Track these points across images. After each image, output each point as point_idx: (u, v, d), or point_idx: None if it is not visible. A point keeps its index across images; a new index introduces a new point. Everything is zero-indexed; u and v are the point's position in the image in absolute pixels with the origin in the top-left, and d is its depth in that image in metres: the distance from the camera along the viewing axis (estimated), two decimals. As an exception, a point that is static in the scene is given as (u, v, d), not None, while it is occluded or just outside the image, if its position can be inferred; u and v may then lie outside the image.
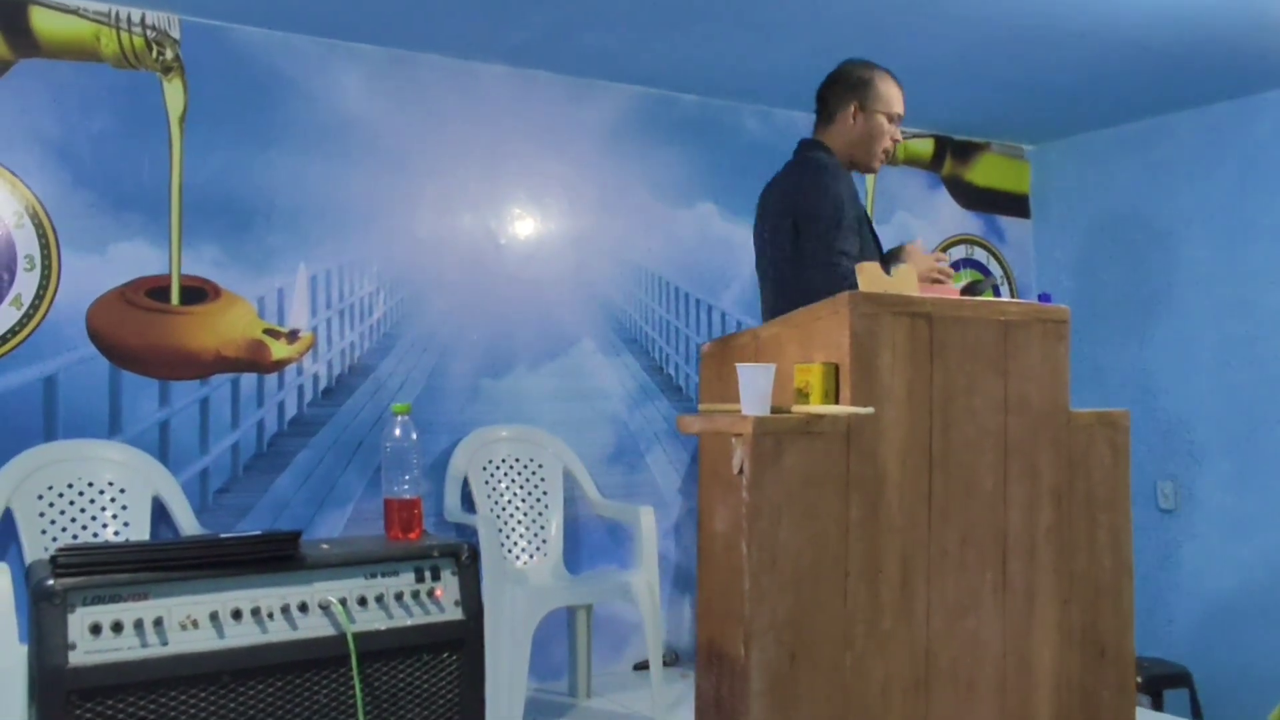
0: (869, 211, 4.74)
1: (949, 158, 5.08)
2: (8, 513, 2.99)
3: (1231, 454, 4.37)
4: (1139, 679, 3.70)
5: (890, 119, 2.84)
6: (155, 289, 3.38)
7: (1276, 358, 4.24)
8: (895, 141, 2.87)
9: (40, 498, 3.05)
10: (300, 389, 3.59)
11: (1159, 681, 4.06)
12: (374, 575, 2.11)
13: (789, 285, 2.68)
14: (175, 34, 3.43)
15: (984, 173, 5.17)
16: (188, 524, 3.19)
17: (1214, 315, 4.45)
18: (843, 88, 2.85)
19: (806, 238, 2.66)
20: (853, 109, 2.82)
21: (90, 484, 3.13)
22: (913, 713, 2.20)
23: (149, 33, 3.39)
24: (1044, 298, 2.55)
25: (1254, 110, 4.35)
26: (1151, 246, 4.70)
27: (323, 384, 3.63)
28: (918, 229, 4.92)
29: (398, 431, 2.27)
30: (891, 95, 2.84)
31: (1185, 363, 4.55)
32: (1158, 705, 4.00)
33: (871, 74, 2.85)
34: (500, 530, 3.69)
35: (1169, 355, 4.61)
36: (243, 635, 1.96)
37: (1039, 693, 2.36)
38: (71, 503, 3.09)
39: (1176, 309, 4.59)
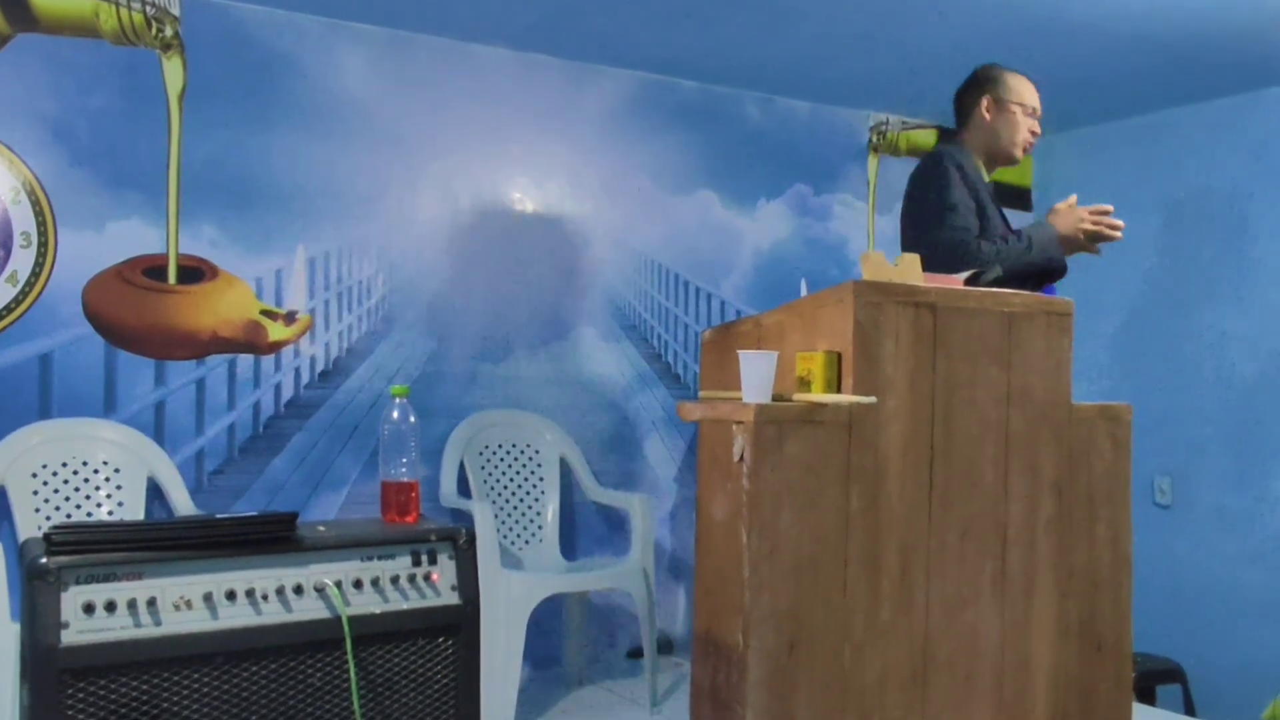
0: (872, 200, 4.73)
1: (951, 149, 5.05)
2: (1, 490, 2.97)
3: (1228, 450, 4.37)
4: (1133, 674, 3.71)
5: (1028, 111, 2.94)
6: (152, 268, 3.36)
7: (1276, 354, 4.24)
8: (1035, 135, 2.97)
9: (34, 476, 3.03)
10: (297, 371, 3.57)
11: (1152, 677, 4.07)
12: (370, 558, 2.09)
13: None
14: (175, 11, 3.40)
15: (986, 165, 5.15)
16: (183, 504, 3.18)
17: (1215, 309, 4.44)
18: (974, 86, 2.99)
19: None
20: (985, 103, 2.94)
21: (85, 463, 3.11)
22: (910, 704, 2.19)
23: (149, 9, 3.35)
24: (1048, 290, 2.53)
25: (1257, 105, 4.34)
26: (1154, 240, 4.69)
27: (320, 366, 3.61)
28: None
29: (396, 414, 2.26)
30: (1021, 87, 2.95)
31: (1185, 357, 4.54)
32: (1151, 700, 4.00)
33: (1001, 71, 2.98)
34: (496, 516, 3.67)
35: (1169, 349, 4.60)
36: (237, 617, 1.95)
37: (1036, 685, 2.36)
38: (66, 481, 3.07)
39: (1178, 302, 4.58)
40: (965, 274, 2.45)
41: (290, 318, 3.57)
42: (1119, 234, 2.87)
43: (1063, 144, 5.14)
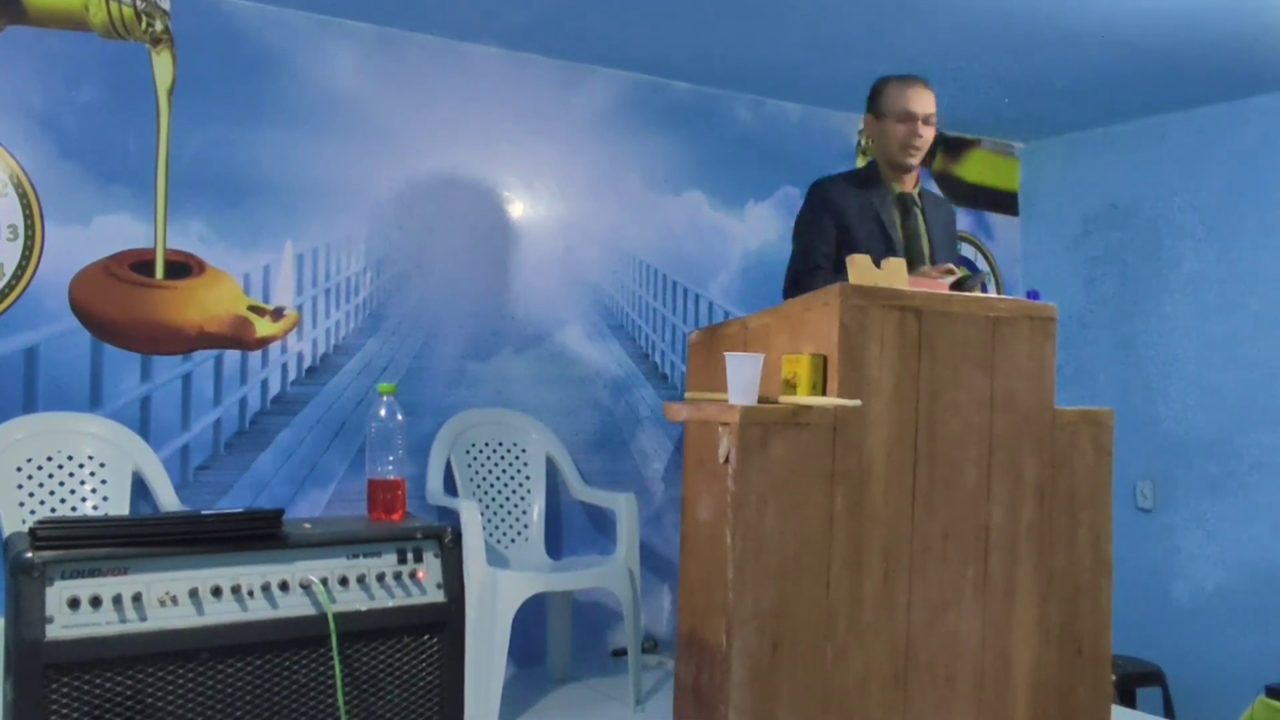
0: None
1: (940, 153, 5.08)
2: (-15, 484, 2.96)
3: (1210, 456, 4.40)
4: (1113, 677, 3.74)
5: (899, 118, 3.03)
6: (139, 263, 3.35)
7: (1258, 361, 4.27)
8: (918, 136, 3.04)
9: (19, 470, 3.02)
10: (284, 367, 3.57)
11: (1132, 679, 4.09)
12: (356, 555, 2.10)
13: None
14: (165, 5, 3.39)
15: (974, 169, 5.18)
16: (168, 500, 3.17)
17: (1198, 316, 4.48)
18: (869, 100, 3.14)
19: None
20: (867, 121, 3.16)
21: (70, 457, 3.11)
22: (892, 705, 2.21)
23: (138, 3, 3.35)
24: (1033, 295, 2.55)
25: (1243, 114, 4.37)
26: (1139, 246, 4.72)
27: (307, 362, 3.61)
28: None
29: (383, 411, 2.26)
30: (895, 95, 3.05)
31: (1167, 363, 4.57)
32: (1131, 703, 4.03)
33: (883, 84, 3.11)
34: (482, 514, 3.68)
35: (1151, 355, 4.64)
36: (222, 613, 1.95)
37: (1016, 689, 2.38)
38: (51, 476, 3.06)
39: (1161, 309, 4.62)
40: (950, 279, 2.46)
41: (278, 314, 3.56)
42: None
43: (1049, 149, 5.17)
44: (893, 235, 3.02)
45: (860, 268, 2.26)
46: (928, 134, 3.07)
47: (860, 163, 4.82)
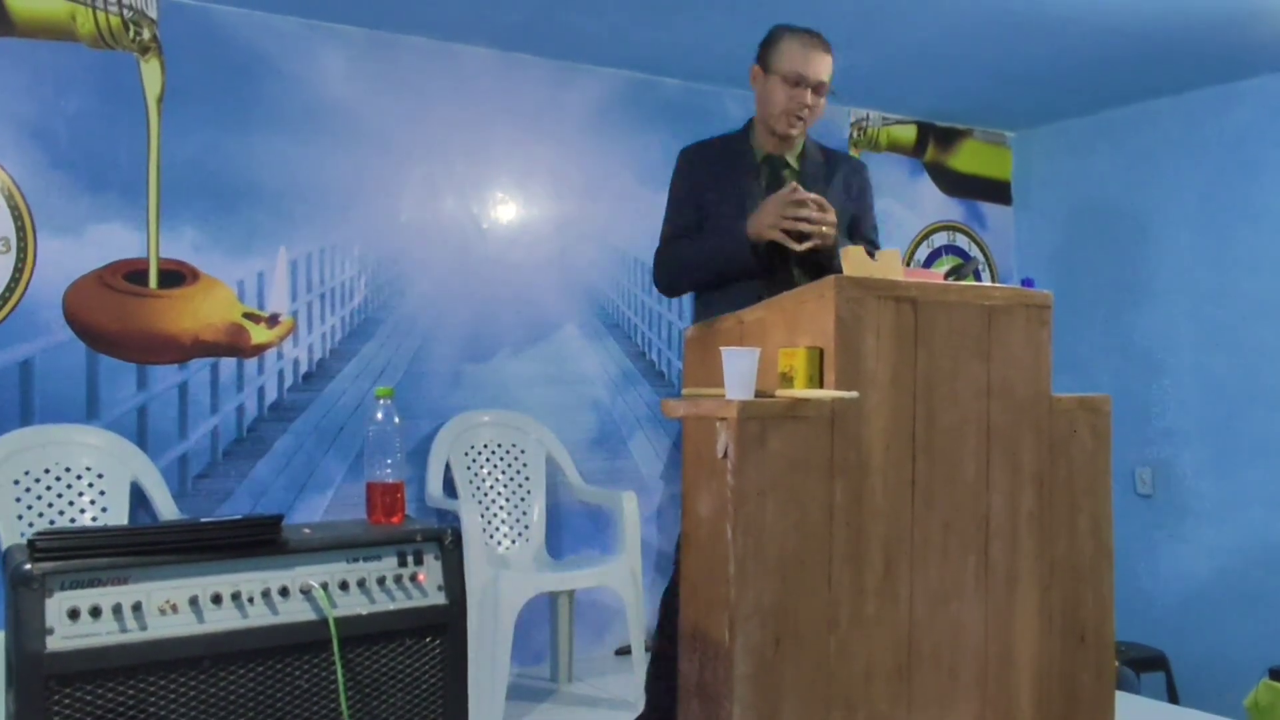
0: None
1: (931, 144, 5.08)
2: (-16, 497, 2.96)
3: (1209, 440, 4.41)
4: (1116, 663, 3.74)
5: (787, 79, 2.63)
6: (133, 272, 3.35)
7: (1254, 344, 4.27)
8: (805, 106, 2.64)
9: (17, 483, 3.02)
10: (280, 374, 3.57)
11: (1136, 665, 4.10)
12: (356, 559, 2.09)
13: None
14: (153, 13, 3.38)
15: (966, 159, 5.18)
16: (167, 509, 3.17)
17: (1193, 301, 4.48)
18: (760, 48, 2.74)
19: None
20: (754, 70, 2.73)
21: (68, 469, 3.10)
22: (895, 697, 2.20)
23: (126, 12, 3.34)
24: (1027, 283, 2.55)
25: (1233, 97, 4.37)
26: (1132, 233, 4.72)
27: (303, 369, 3.61)
28: (900, 215, 4.92)
29: (380, 415, 2.26)
30: (789, 52, 2.64)
31: (1164, 349, 4.57)
32: (1135, 689, 4.03)
33: (781, 33, 2.69)
34: (483, 515, 3.67)
35: (1148, 341, 4.64)
36: (223, 620, 1.95)
37: (1020, 677, 2.38)
38: (49, 488, 3.06)
39: (1156, 295, 4.62)
40: (946, 269, 2.46)
41: (273, 320, 3.56)
42: (826, 229, 2.51)
43: (1041, 137, 5.17)
44: (748, 207, 2.61)
45: (854, 259, 2.26)
46: (818, 106, 2.66)
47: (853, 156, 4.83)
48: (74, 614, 1.83)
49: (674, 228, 2.76)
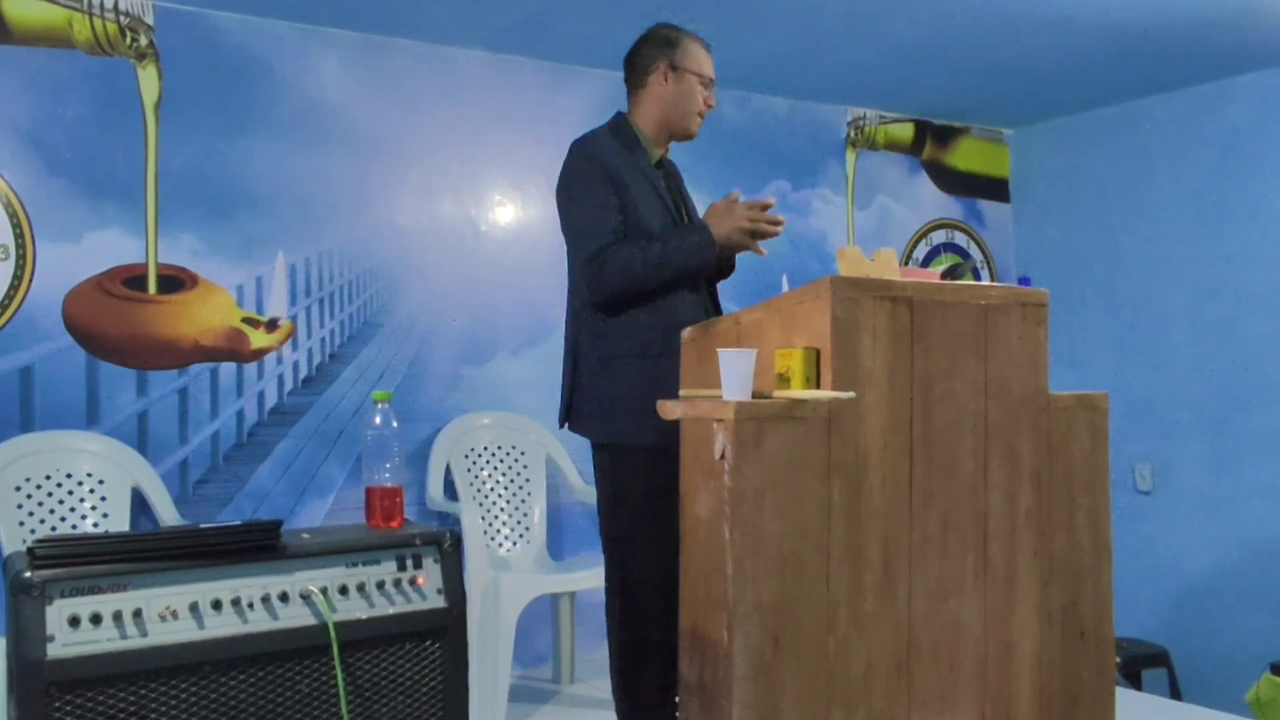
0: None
1: (929, 142, 5.08)
2: (-15, 505, 2.97)
3: (1208, 436, 4.41)
4: (1117, 659, 3.75)
5: (702, 81, 2.67)
6: (132, 278, 3.36)
7: (1253, 340, 4.28)
8: (710, 107, 2.71)
9: (18, 489, 3.02)
10: (280, 378, 3.57)
11: (1137, 661, 4.10)
12: (355, 564, 2.10)
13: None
14: (149, 20, 3.39)
15: (964, 157, 5.18)
16: (167, 515, 3.17)
17: (1191, 297, 4.48)
18: (651, 48, 2.71)
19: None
20: (663, 69, 2.68)
21: (68, 475, 3.11)
22: (895, 695, 2.21)
23: (122, 19, 3.35)
24: (1024, 281, 2.55)
25: (1230, 94, 4.38)
26: (1130, 229, 4.72)
27: (303, 373, 3.61)
28: (898, 213, 4.93)
29: (379, 419, 2.26)
30: (699, 54, 2.69)
31: (1162, 345, 4.58)
32: (1136, 685, 4.04)
33: (679, 34, 2.71)
34: (483, 518, 3.68)
35: (1147, 337, 4.64)
36: (223, 626, 1.95)
37: (1020, 674, 2.38)
38: (49, 494, 3.07)
39: (1154, 291, 4.62)
40: (941, 269, 2.46)
41: (272, 325, 3.56)
42: (780, 230, 2.58)
43: (1038, 135, 5.18)
44: (666, 201, 2.65)
45: (850, 259, 2.26)
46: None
47: (850, 155, 4.83)
48: (74, 621, 1.83)
49: (604, 231, 2.55)
